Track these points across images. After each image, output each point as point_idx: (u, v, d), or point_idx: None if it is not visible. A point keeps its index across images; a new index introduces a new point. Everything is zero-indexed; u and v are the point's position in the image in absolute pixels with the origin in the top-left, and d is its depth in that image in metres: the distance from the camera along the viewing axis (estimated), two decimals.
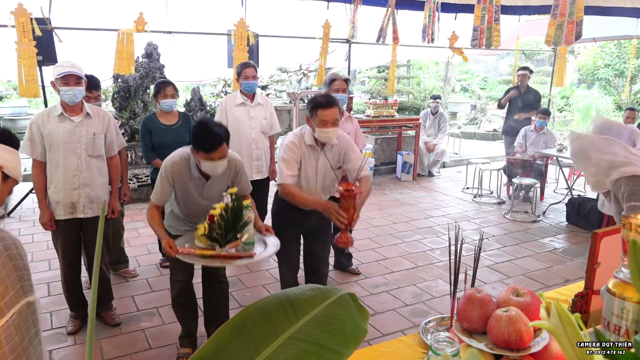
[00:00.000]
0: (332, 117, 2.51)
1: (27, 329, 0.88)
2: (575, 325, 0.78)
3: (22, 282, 0.91)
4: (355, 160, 2.70)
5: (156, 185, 2.49)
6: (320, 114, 2.50)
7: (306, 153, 2.64)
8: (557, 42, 5.99)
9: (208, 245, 2.33)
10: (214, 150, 2.28)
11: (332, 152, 2.69)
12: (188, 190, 2.49)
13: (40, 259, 4.19)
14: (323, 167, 2.69)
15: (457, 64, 14.44)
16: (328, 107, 2.50)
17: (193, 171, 2.46)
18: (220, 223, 2.26)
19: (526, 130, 6.36)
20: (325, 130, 2.52)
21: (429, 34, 5.94)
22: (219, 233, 2.27)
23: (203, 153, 2.29)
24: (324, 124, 2.51)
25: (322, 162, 2.68)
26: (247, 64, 3.96)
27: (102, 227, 0.61)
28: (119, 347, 2.93)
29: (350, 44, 6.22)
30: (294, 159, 2.61)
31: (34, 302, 0.94)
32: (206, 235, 2.29)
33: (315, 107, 2.53)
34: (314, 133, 2.59)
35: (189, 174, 2.46)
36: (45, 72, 4.66)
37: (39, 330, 0.95)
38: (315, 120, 2.54)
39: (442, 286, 3.80)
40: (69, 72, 2.74)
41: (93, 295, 0.59)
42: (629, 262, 0.79)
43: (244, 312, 0.66)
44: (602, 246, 1.37)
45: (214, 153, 2.29)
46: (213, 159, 2.30)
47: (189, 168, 2.46)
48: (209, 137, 2.27)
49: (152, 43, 6.66)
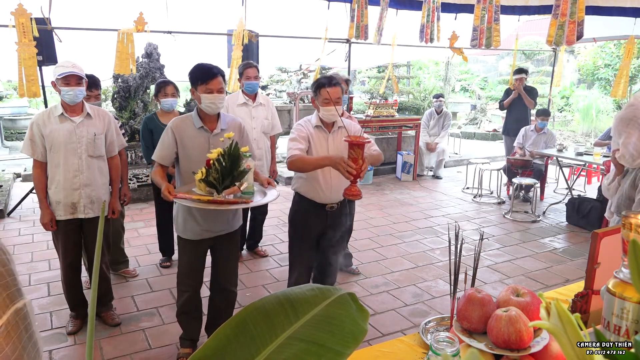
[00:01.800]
0: (335, 95, 2.54)
1: (19, 336, 0.86)
2: (575, 325, 0.78)
3: (7, 290, 0.88)
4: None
5: (158, 144, 2.50)
6: (323, 92, 2.56)
7: (314, 134, 2.66)
8: (558, 42, 5.98)
9: (206, 192, 2.30)
10: (211, 78, 2.36)
11: (339, 134, 2.71)
12: (194, 145, 2.46)
13: (40, 259, 4.19)
14: (334, 149, 2.67)
15: (457, 64, 14.45)
16: (330, 85, 2.56)
17: (196, 121, 2.47)
18: (217, 167, 2.22)
19: (526, 130, 6.36)
20: (328, 109, 2.57)
21: (427, 34, 5.93)
22: (216, 178, 2.23)
23: (201, 85, 2.36)
24: (326, 102, 2.55)
25: (333, 143, 2.69)
26: (249, 64, 3.97)
27: (102, 227, 0.61)
28: (119, 347, 2.93)
29: (350, 44, 6.22)
30: (300, 135, 2.63)
31: (24, 307, 0.92)
32: (203, 180, 2.26)
33: (318, 86, 2.59)
34: (318, 112, 2.66)
35: (192, 128, 2.47)
36: (45, 72, 4.65)
37: (33, 333, 0.93)
38: (319, 100, 2.59)
39: (442, 286, 3.80)
40: (70, 72, 2.74)
41: (93, 295, 0.59)
42: (629, 262, 0.79)
43: (244, 312, 0.66)
44: (602, 246, 1.37)
45: (211, 82, 2.36)
46: (212, 90, 2.37)
47: (192, 122, 2.48)
48: (205, 68, 2.38)
49: (152, 43, 6.66)
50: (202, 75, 2.38)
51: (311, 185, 2.72)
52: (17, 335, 0.86)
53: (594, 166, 6.60)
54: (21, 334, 0.87)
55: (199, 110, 2.49)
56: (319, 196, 2.74)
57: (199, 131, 2.47)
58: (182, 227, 2.57)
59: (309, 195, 2.76)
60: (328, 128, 2.69)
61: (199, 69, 2.41)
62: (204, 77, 2.37)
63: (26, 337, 0.88)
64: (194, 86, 2.42)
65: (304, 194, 2.77)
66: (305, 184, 2.74)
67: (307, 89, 10.93)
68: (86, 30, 4.90)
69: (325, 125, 2.68)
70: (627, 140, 2.32)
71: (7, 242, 4.62)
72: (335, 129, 2.70)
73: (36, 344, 0.93)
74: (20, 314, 0.88)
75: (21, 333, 0.87)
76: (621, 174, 2.65)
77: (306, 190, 2.76)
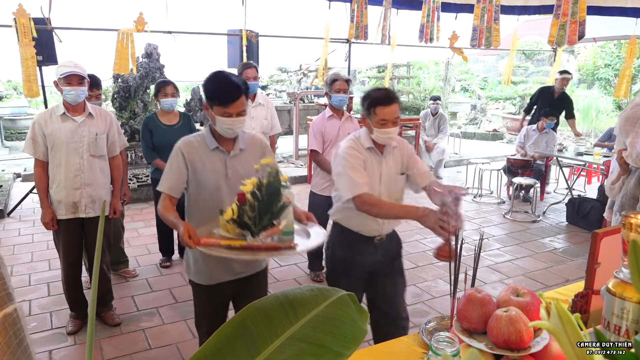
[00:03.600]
0: (393, 115, 2.16)
1: (8, 342, 0.85)
2: (575, 325, 0.78)
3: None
4: (420, 165, 2.33)
5: (165, 171, 2.06)
6: (379, 112, 2.14)
7: (367, 157, 2.23)
8: (559, 42, 5.98)
9: (237, 235, 1.84)
10: (231, 101, 1.91)
11: (394, 157, 2.30)
12: (208, 169, 2.02)
13: (40, 259, 4.19)
14: (387, 173, 2.28)
15: (457, 64, 14.45)
16: (388, 103, 2.15)
17: (209, 142, 2.03)
18: (253, 204, 1.77)
19: (527, 130, 6.35)
20: (385, 131, 2.16)
21: (427, 34, 5.93)
22: (251, 217, 1.78)
23: (218, 107, 1.92)
24: (383, 123, 2.15)
25: (386, 168, 2.28)
26: (248, 65, 3.97)
27: (102, 227, 0.61)
28: (119, 347, 2.93)
29: (350, 44, 6.22)
30: (359, 164, 2.19)
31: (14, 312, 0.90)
32: (235, 221, 1.80)
33: (372, 103, 2.17)
34: (370, 134, 2.23)
35: (205, 149, 2.03)
36: (45, 72, 4.66)
37: (24, 338, 0.91)
38: (373, 120, 2.17)
39: (442, 286, 3.80)
40: (73, 72, 2.74)
41: (93, 295, 0.59)
42: (629, 262, 0.79)
43: (244, 312, 0.66)
44: (602, 246, 1.37)
45: (231, 106, 1.91)
46: (231, 113, 1.92)
47: (205, 142, 2.04)
48: (226, 86, 1.92)
49: (152, 43, 6.66)
50: (221, 96, 1.93)
51: (360, 217, 2.24)
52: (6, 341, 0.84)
53: (594, 166, 6.60)
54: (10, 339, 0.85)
55: (213, 129, 2.05)
56: (367, 228, 2.30)
57: (214, 152, 2.04)
58: (193, 269, 2.14)
59: (354, 228, 2.31)
60: (380, 149, 2.26)
61: (218, 87, 1.94)
62: (223, 99, 1.92)
63: (15, 342, 0.86)
64: (209, 103, 1.97)
65: (349, 226, 2.32)
66: (352, 215, 2.26)
67: (307, 88, 10.93)
68: (86, 30, 4.91)
69: (377, 146, 2.26)
70: (634, 139, 2.32)
71: (7, 242, 4.62)
72: (389, 150, 2.28)
73: (27, 350, 0.91)
74: (10, 319, 0.86)
75: (10, 339, 0.85)
76: (626, 173, 2.66)
77: (352, 223, 2.31)
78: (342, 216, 2.32)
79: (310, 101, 10.27)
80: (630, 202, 2.62)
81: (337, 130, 3.70)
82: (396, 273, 2.43)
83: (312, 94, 10.17)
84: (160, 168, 3.86)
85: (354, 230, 2.30)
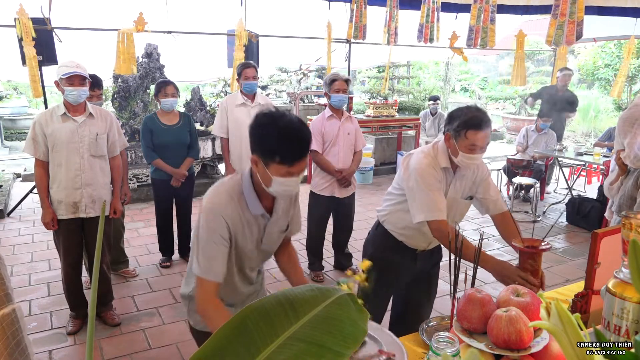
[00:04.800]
0: (484, 142, 1.95)
1: (6, 342, 0.85)
2: (575, 325, 0.78)
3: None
4: (493, 191, 2.15)
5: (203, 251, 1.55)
6: (471, 137, 1.92)
7: (441, 177, 2.07)
8: (557, 42, 5.98)
9: None
10: (299, 160, 1.48)
11: (464, 178, 2.13)
12: (246, 239, 1.63)
13: (40, 259, 4.19)
14: (453, 195, 2.11)
15: (457, 64, 14.46)
16: (483, 128, 1.92)
17: (252, 207, 1.60)
18: None
19: (527, 130, 6.35)
20: (473, 157, 1.96)
21: (426, 34, 5.94)
22: None
23: (280, 165, 1.46)
24: (472, 149, 1.94)
25: (453, 190, 2.11)
26: (247, 65, 3.97)
27: (102, 227, 0.61)
28: (119, 347, 2.93)
29: (350, 44, 6.23)
30: (438, 186, 2.01)
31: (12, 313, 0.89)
32: None
33: (465, 125, 1.94)
34: (451, 155, 2.04)
35: (244, 215, 1.60)
36: (45, 72, 4.66)
37: (22, 339, 0.91)
38: (461, 143, 1.95)
39: (442, 286, 3.79)
40: (74, 72, 2.75)
41: (93, 295, 0.59)
42: (629, 262, 0.79)
43: (244, 312, 0.66)
44: (602, 246, 1.37)
45: (298, 164, 1.48)
46: (293, 173, 1.49)
47: (245, 205, 1.60)
48: (295, 142, 1.47)
49: (152, 43, 6.66)
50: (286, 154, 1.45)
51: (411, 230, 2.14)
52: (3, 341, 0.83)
53: (594, 166, 6.60)
54: (8, 340, 0.84)
55: (256, 185, 1.60)
56: (414, 242, 2.19)
57: (255, 217, 1.63)
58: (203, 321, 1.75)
59: (399, 237, 2.20)
60: (453, 169, 2.09)
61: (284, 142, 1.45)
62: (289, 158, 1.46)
63: (13, 343, 0.85)
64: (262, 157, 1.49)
65: (394, 233, 2.21)
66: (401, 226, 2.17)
67: (307, 88, 10.93)
68: (86, 30, 4.91)
69: (452, 166, 2.08)
70: (632, 140, 2.32)
71: (7, 242, 4.62)
72: (463, 172, 2.10)
73: (25, 351, 0.90)
74: (8, 320, 0.85)
75: (8, 339, 0.84)
76: (624, 173, 2.66)
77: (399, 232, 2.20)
78: (390, 221, 2.20)
79: (310, 101, 10.28)
80: (627, 202, 2.62)
81: (336, 130, 3.71)
82: (429, 282, 2.36)
83: (312, 94, 10.18)
84: (160, 168, 3.87)
85: (398, 239, 2.20)
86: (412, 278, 2.27)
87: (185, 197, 4.08)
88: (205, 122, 6.93)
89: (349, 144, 3.77)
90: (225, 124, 3.94)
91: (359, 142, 3.86)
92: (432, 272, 2.35)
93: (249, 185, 1.60)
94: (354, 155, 3.82)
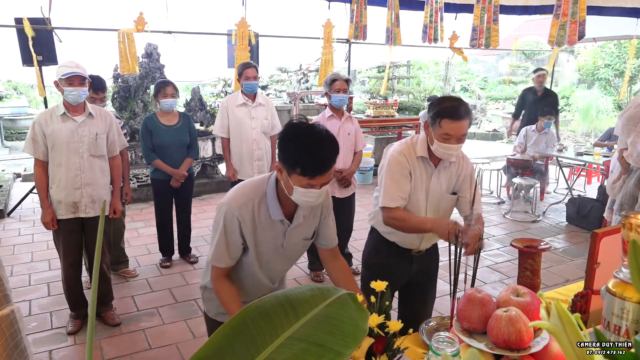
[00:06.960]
0: (460, 132, 1.90)
1: (5, 343, 0.84)
2: (575, 325, 0.78)
3: None
4: (470, 193, 2.10)
5: (217, 242, 1.65)
6: (445, 126, 1.89)
7: (417, 167, 2.04)
8: (560, 42, 5.97)
9: None
10: (321, 174, 1.49)
11: (448, 173, 2.08)
12: (265, 241, 1.69)
13: (40, 259, 4.19)
14: (437, 190, 2.08)
15: (457, 64, 14.46)
16: (458, 118, 1.88)
17: (273, 212, 1.64)
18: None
19: (527, 130, 6.35)
20: (447, 146, 1.92)
21: (430, 35, 5.93)
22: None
23: (301, 176, 1.48)
24: (446, 138, 1.90)
25: (436, 183, 2.07)
26: (248, 65, 3.97)
27: (102, 227, 0.61)
28: (119, 347, 2.93)
29: (350, 44, 6.22)
30: (403, 174, 2.00)
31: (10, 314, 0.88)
32: None
33: (440, 114, 1.91)
34: (429, 144, 2.00)
35: (260, 218, 1.65)
36: (45, 72, 4.65)
37: (20, 340, 0.90)
38: (437, 132, 1.92)
39: (442, 286, 3.79)
40: (74, 72, 2.75)
41: (93, 295, 0.59)
42: (629, 262, 0.79)
43: (244, 312, 0.66)
44: (602, 246, 1.37)
45: (318, 178, 1.49)
46: (314, 185, 1.51)
47: (265, 208, 1.64)
48: (321, 155, 1.48)
49: (152, 43, 6.66)
50: (309, 167, 1.47)
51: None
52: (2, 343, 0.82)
53: (594, 166, 6.60)
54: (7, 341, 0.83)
55: (279, 191, 1.63)
56: (405, 240, 2.16)
57: (275, 222, 1.67)
58: (217, 309, 1.83)
59: (390, 238, 2.17)
60: (434, 161, 2.04)
61: (308, 156, 1.47)
62: (311, 171, 1.47)
63: (12, 344, 0.84)
64: (286, 166, 1.51)
65: (384, 234, 2.19)
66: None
67: (308, 89, 10.93)
68: (86, 30, 4.90)
69: (432, 158, 2.04)
70: (635, 138, 2.32)
71: (7, 242, 4.62)
72: (445, 165, 2.06)
73: (24, 352, 0.90)
74: (6, 321, 0.85)
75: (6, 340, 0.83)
76: (627, 172, 2.66)
77: (388, 231, 2.16)
78: (379, 221, 2.15)
79: (310, 101, 10.28)
80: (629, 201, 2.62)
81: (337, 130, 3.71)
82: (428, 286, 2.33)
83: (312, 94, 10.18)
84: (159, 168, 3.87)
85: (391, 241, 2.18)
86: (409, 280, 2.26)
87: (185, 197, 4.08)
88: (205, 122, 6.93)
89: (349, 144, 3.77)
90: (226, 123, 3.94)
91: (359, 143, 3.86)
92: (430, 274, 2.34)
93: (272, 190, 1.64)
94: (354, 156, 3.83)
